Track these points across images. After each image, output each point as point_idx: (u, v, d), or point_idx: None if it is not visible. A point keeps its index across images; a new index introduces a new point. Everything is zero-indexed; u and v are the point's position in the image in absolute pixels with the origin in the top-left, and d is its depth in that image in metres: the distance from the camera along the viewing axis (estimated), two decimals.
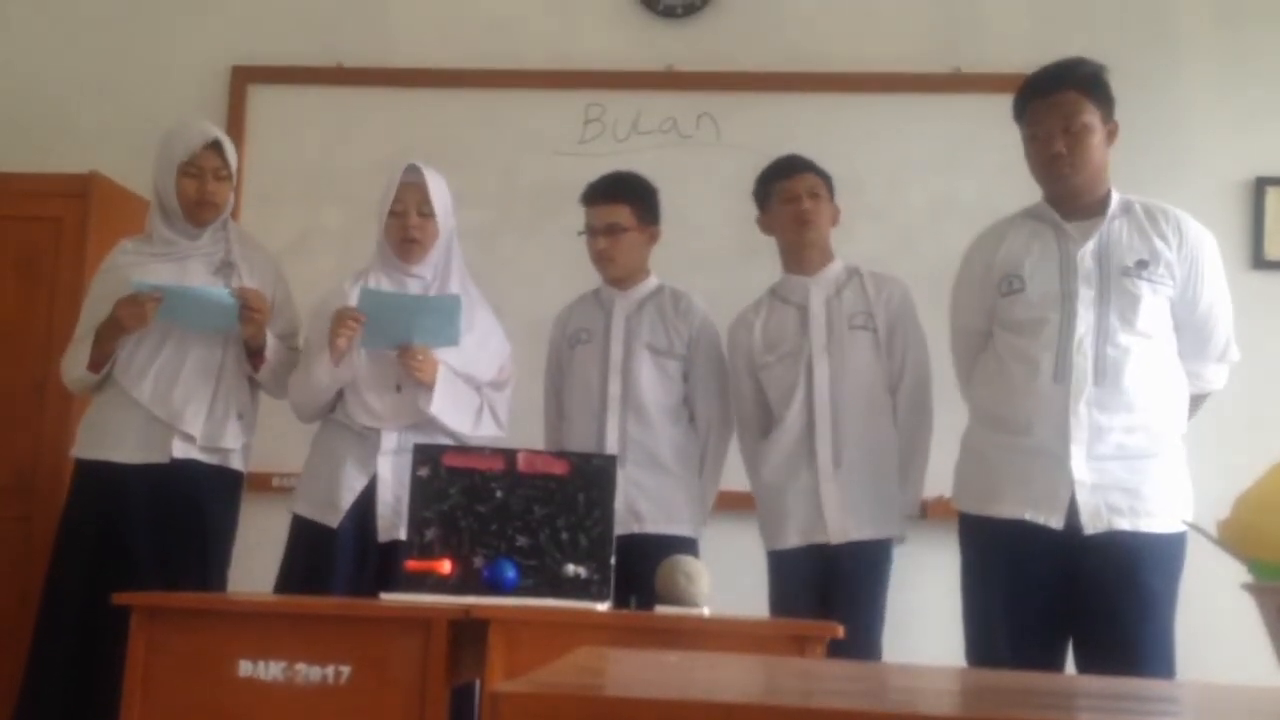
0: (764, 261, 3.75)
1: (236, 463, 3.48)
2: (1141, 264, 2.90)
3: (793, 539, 3.30)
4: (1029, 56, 3.19)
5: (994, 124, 3.20)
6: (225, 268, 3.47)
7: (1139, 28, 4.33)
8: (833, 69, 4.41)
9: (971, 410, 3.08)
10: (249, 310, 3.35)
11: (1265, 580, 1.02)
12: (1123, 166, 3.13)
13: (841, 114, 4.38)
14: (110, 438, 3.38)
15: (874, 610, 3.26)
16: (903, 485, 3.32)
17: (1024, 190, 3.11)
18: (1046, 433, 2.84)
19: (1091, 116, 2.93)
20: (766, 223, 3.49)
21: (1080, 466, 2.81)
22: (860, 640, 3.20)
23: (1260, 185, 4.27)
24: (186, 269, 3.43)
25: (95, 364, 3.38)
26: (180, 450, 3.36)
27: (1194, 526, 2.39)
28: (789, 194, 3.40)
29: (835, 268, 3.44)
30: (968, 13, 4.45)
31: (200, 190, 3.42)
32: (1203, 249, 2.96)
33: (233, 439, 3.43)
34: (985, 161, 4.18)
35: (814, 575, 3.28)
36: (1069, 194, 2.97)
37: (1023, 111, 3.01)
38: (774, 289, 3.48)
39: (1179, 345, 2.96)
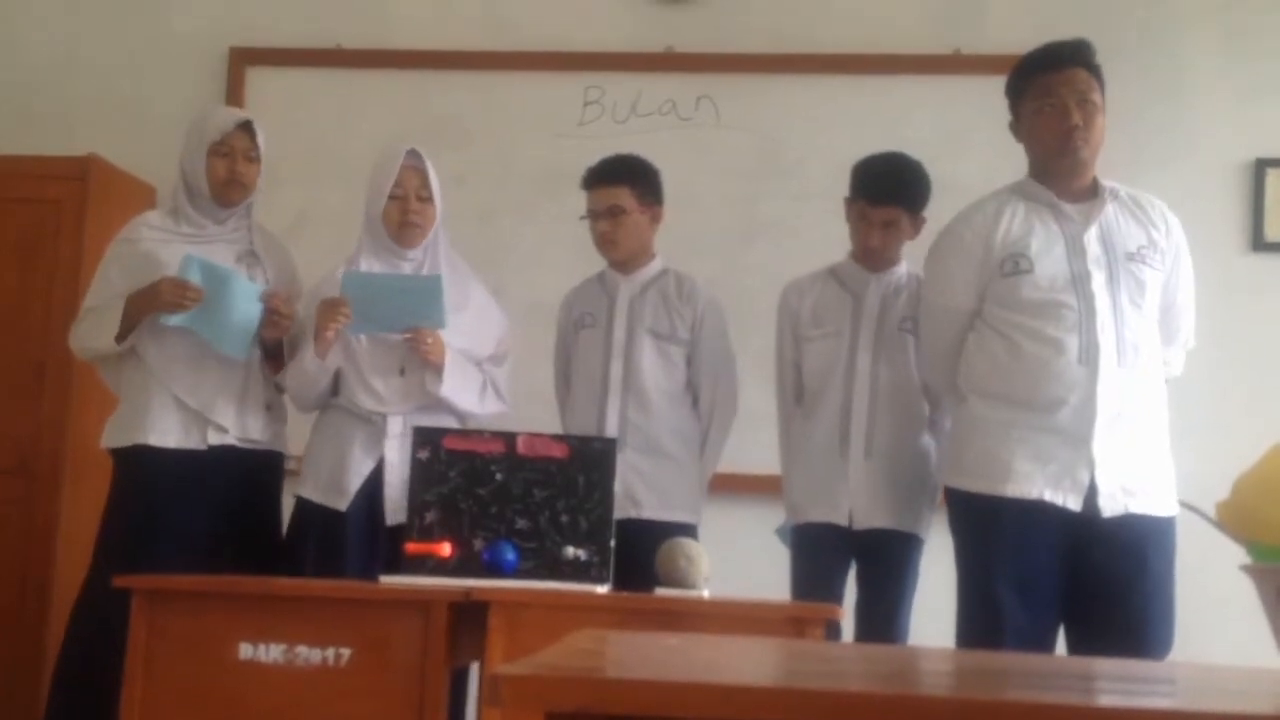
0: (763, 244, 3.74)
1: (269, 445, 3.44)
2: (1142, 249, 2.92)
3: (814, 514, 3.28)
4: (1029, 37, 3.15)
5: (994, 105, 3.17)
6: (248, 256, 3.44)
7: (1139, 7, 4.31)
8: (832, 50, 4.39)
9: (969, 390, 3.00)
10: (275, 315, 3.32)
11: (1264, 562, 1.02)
12: (1123, 148, 3.12)
13: (841, 96, 4.36)
14: (149, 427, 3.32)
15: (898, 604, 3.24)
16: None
17: (1023, 172, 3.09)
18: (1071, 413, 2.83)
19: (1098, 97, 2.92)
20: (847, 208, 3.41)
21: (1102, 448, 2.81)
22: (882, 633, 3.19)
23: (1260, 167, 4.26)
24: (211, 254, 3.38)
25: (120, 335, 3.33)
26: (215, 438, 3.32)
27: (1192, 508, 2.40)
28: (863, 217, 3.33)
29: (899, 270, 3.37)
30: None
31: (231, 170, 3.38)
32: (1183, 238, 3.01)
33: (261, 431, 3.39)
34: (985, 143, 4.16)
35: (840, 554, 3.27)
36: (1075, 169, 2.94)
37: (1027, 86, 2.97)
38: (834, 269, 3.42)
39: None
